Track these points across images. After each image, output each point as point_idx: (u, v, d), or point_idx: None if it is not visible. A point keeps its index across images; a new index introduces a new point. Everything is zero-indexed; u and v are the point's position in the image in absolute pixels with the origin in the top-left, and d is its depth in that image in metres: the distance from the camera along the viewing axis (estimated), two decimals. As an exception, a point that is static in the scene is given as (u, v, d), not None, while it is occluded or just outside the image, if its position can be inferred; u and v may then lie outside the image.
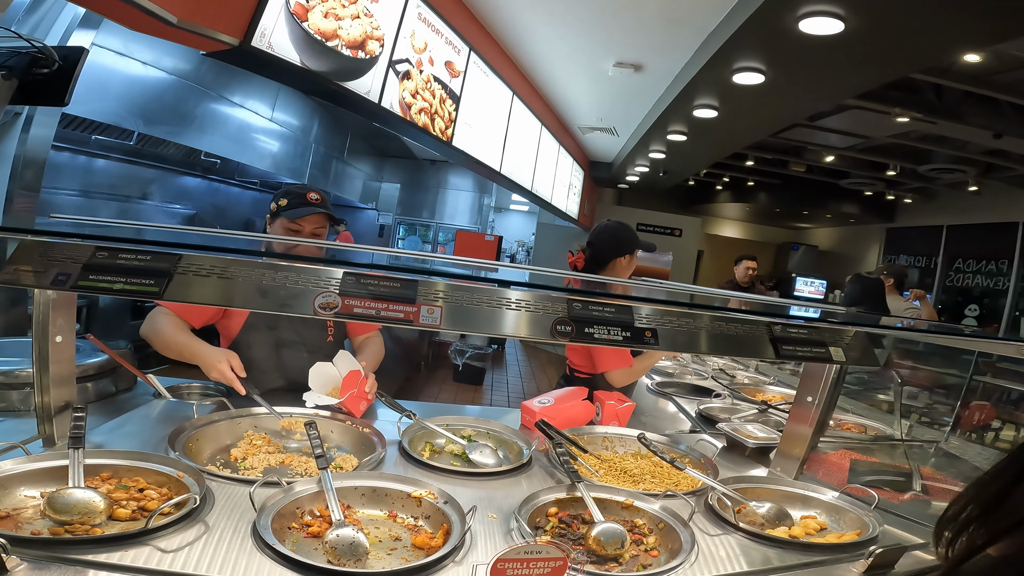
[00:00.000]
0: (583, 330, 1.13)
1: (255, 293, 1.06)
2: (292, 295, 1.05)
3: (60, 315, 1.24)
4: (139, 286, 0.99)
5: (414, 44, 3.64)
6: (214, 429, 1.54)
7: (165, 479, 1.21)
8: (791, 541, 1.32)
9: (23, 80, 1.42)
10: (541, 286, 1.22)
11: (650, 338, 1.18)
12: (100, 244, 1.02)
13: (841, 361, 1.39)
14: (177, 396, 1.85)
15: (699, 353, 3.35)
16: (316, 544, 1.12)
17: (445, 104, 4.18)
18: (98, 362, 1.71)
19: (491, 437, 1.82)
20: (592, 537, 1.22)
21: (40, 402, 1.28)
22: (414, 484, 1.31)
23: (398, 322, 1.05)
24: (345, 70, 3.04)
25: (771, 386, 3.01)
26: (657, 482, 1.63)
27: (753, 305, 1.73)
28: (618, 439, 1.93)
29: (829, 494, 1.54)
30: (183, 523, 1.06)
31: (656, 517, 1.35)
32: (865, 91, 5.02)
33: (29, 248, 1.06)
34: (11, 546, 0.87)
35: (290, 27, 2.59)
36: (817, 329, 1.40)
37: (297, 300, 1.05)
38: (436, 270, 1.30)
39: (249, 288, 1.06)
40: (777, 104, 5.27)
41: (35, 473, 1.15)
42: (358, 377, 1.84)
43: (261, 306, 1.07)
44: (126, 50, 4.37)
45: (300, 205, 2.04)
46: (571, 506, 1.39)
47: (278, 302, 1.06)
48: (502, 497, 1.41)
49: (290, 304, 1.05)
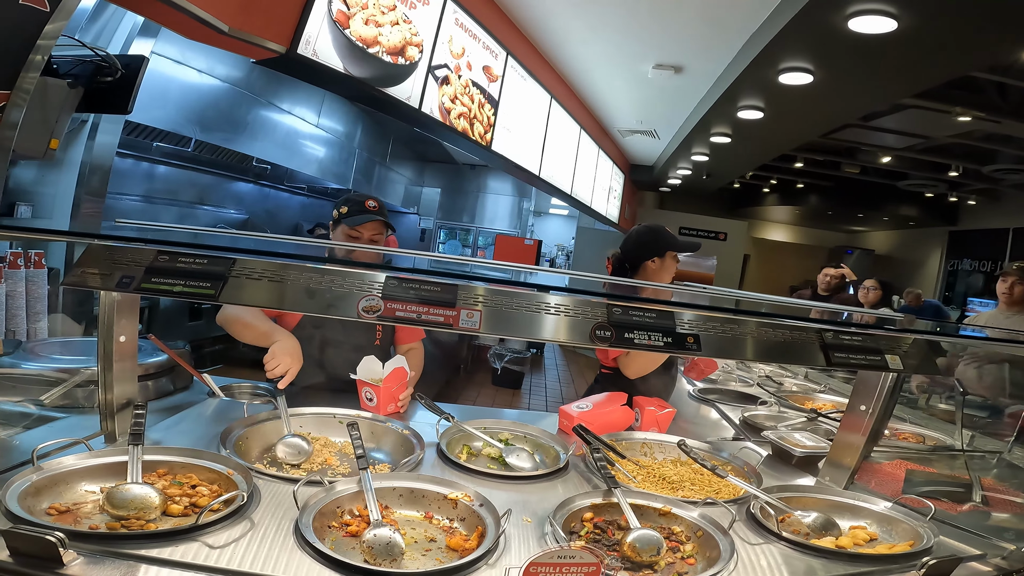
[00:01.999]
0: (623, 335, 1.12)
1: (303, 295, 1.10)
2: (337, 298, 1.09)
3: (124, 316, 1.31)
4: (196, 288, 1.04)
5: (452, 49, 3.69)
6: (262, 428, 1.60)
7: (216, 476, 1.26)
8: (838, 551, 1.28)
9: (88, 88, 1.51)
10: (580, 291, 1.22)
11: (692, 344, 1.15)
12: (161, 248, 1.08)
13: (898, 369, 1.33)
14: (229, 395, 1.92)
15: (744, 360, 3.26)
16: (354, 543, 1.14)
17: (484, 109, 4.22)
18: (158, 361, 1.80)
19: (528, 441, 1.82)
20: (627, 543, 1.20)
21: (104, 399, 1.35)
22: (450, 486, 1.33)
23: (438, 326, 1.06)
24: (386, 76, 3.11)
25: (821, 394, 2.90)
26: (697, 489, 1.60)
27: (799, 311, 1.68)
28: (657, 445, 1.90)
29: (881, 504, 1.48)
30: (231, 520, 1.10)
31: (694, 524, 1.32)
32: (922, 90, 4.80)
33: (96, 252, 1.13)
34: (70, 541, 0.91)
35: (333, 34, 2.66)
36: (872, 336, 1.34)
37: (342, 303, 1.08)
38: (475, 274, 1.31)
39: (297, 291, 1.10)
40: (827, 104, 5.10)
41: (96, 469, 1.21)
42: (402, 375, 1.90)
43: (308, 308, 1.11)
44: (183, 58, 4.57)
45: (359, 212, 2.14)
46: (607, 511, 1.37)
47: (324, 304, 1.10)
48: (537, 501, 1.40)
49: (335, 307, 1.09)
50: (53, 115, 1.47)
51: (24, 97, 1.42)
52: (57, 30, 1.40)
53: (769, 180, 11.64)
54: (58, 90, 1.47)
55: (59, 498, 1.13)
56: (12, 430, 1.42)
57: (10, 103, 1.42)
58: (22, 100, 1.42)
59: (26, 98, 1.43)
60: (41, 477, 1.12)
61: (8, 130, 1.38)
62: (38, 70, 1.39)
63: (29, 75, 1.39)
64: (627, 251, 2.46)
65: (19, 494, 1.04)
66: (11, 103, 1.43)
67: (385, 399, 1.87)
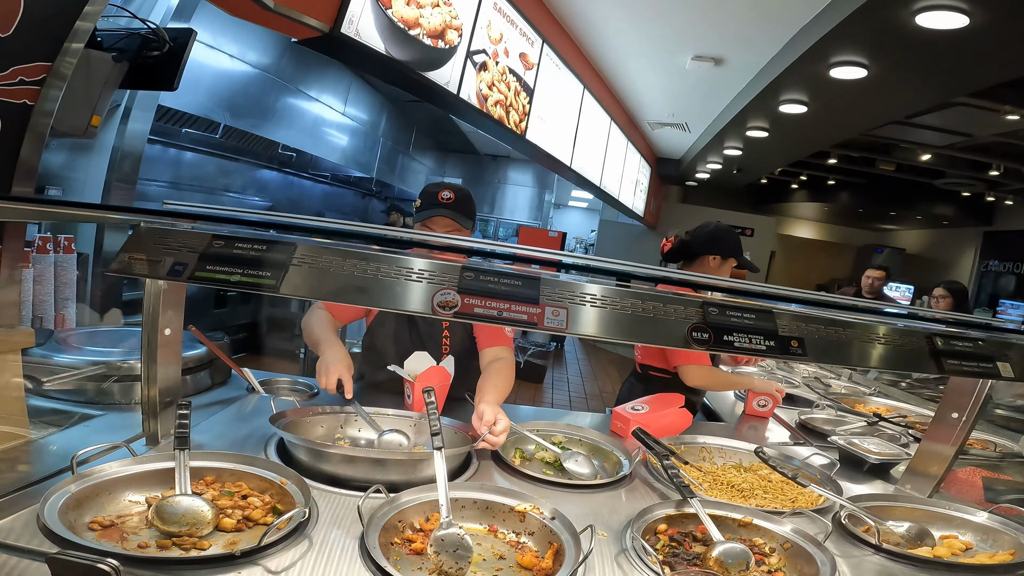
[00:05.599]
0: (722, 338, 1.00)
1: (367, 286, 0.99)
2: (408, 290, 0.98)
3: (170, 307, 1.22)
4: (256, 278, 0.94)
5: (490, 35, 3.58)
6: (310, 427, 1.51)
7: (268, 485, 1.16)
8: (939, 562, 1.21)
9: (133, 63, 1.41)
10: (676, 282, 1.10)
11: (796, 348, 1.04)
12: (217, 232, 0.98)
13: (1009, 377, 1.21)
14: (269, 390, 1.84)
15: (850, 367, 3.09)
16: (420, 563, 1.04)
17: (520, 97, 4.10)
18: (196, 355, 1.70)
19: (584, 444, 1.72)
20: (712, 558, 1.11)
21: (147, 396, 1.26)
22: (517, 497, 1.23)
23: (521, 324, 0.95)
24: (426, 60, 3.00)
25: (872, 397, 2.78)
26: (771, 498, 1.52)
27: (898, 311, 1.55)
28: (718, 450, 1.81)
29: (976, 513, 1.40)
30: (290, 539, 1.00)
31: (781, 536, 1.23)
32: (976, 90, 4.58)
33: (145, 235, 1.03)
34: (122, 566, 0.82)
35: (376, 14, 2.57)
36: (984, 341, 1.21)
37: (414, 296, 0.97)
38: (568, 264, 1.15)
39: (359, 281, 0.99)
40: (877, 100, 4.88)
41: (141, 476, 1.11)
42: (442, 376, 1.77)
43: (370, 302, 1.00)
44: (215, 43, 4.52)
45: (430, 206, 1.86)
46: (681, 523, 1.28)
47: (391, 297, 0.99)
48: (608, 513, 1.31)
49: (405, 300, 0.98)
50: (96, 90, 1.38)
51: (66, 71, 1.33)
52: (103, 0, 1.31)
53: (799, 176, 11.36)
54: (102, 64, 1.37)
55: (102, 510, 1.04)
56: (48, 431, 1.33)
57: (51, 76, 1.33)
58: (64, 74, 1.33)
59: (68, 72, 1.34)
60: (82, 487, 1.02)
61: (49, 103, 1.29)
62: (82, 41, 1.30)
63: (73, 46, 1.30)
64: (697, 240, 2.43)
65: (59, 508, 0.95)
66: (52, 76, 1.34)
67: (420, 397, 1.74)
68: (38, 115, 1.33)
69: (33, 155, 1.34)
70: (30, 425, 1.33)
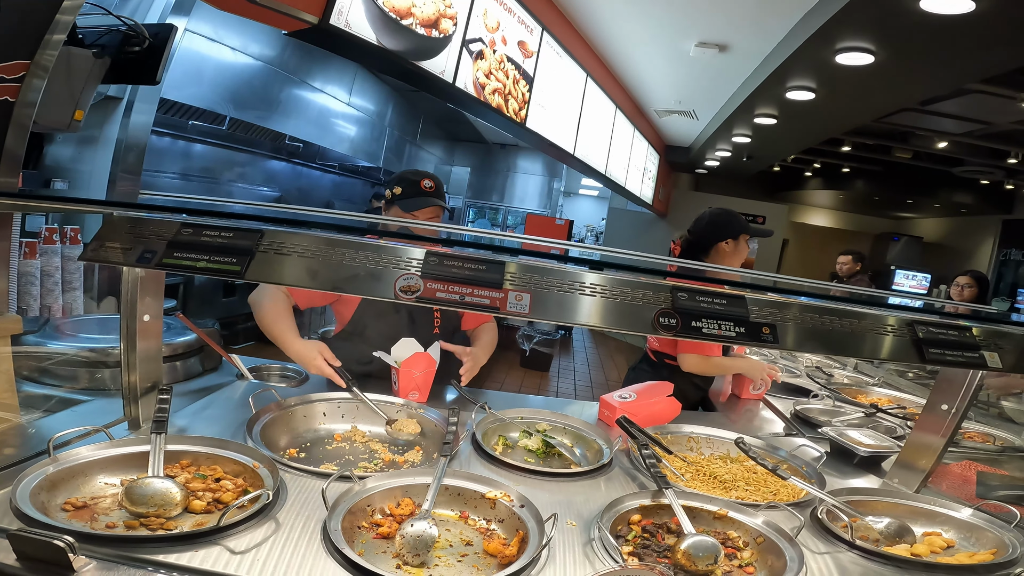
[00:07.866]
0: (690, 323, 0.99)
1: (335, 273, 0.99)
2: (372, 276, 0.98)
3: (148, 293, 1.24)
4: (222, 264, 0.95)
5: (487, 23, 3.54)
6: (292, 415, 1.53)
7: (241, 468, 1.18)
8: (915, 561, 1.17)
9: (115, 59, 1.42)
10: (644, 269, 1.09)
11: (768, 335, 1.02)
12: (185, 220, 0.99)
13: (997, 367, 1.18)
14: (258, 377, 1.86)
15: (826, 354, 3.05)
16: (385, 546, 1.05)
17: (519, 85, 4.07)
18: (186, 341, 1.73)
19: (568, 433, 1.72)
20: (681, 551, 1.11)
21: (127, 382, 1.28)
22: (489, 484, 1.23)
23: (484, 309, 0.95)
24: (420, 49, 2.98)
25: (876, 387, 2.72)
26: (752, 490, 1.51)
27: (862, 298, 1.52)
28: (705, 440, 1.80)
29: (960, 510, 1.37)
30: (254, 520, 1.02)
31: (754, 530, 1.22)
32: (991, 76, 4.44)
33: (116, 225, 1.05)
34: (81, 544, 0.84)
35: (366, 4, 2.55)
36: (970, 330, 1.18)
37: (378, 282, 0.97)
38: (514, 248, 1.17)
39: (328, 267, 1.00)
40: (887, 87, 4.76)
41: (116, 459, 1.13)
42: (428, 363, 1.78)
43: (341, 287, 1.01)
44: (216, 36, 4.54)
45: (415, 195, 1.94)
46: (656, 514, 1.28)
47: (359, 283, 0.99)
48: (582, 502, 1.31)
49: (370, 286, 0.98)
50: (78, 86, 1.39)
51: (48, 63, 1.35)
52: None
53: (812, 164, 11.15)
54: (83, 60, 1.39)
55: (76, 492, 1.06)
56: (33, 414, 1.36)
57: (33, 66, 1.34)
58: (46, 65, 1.35)
59: (49, 64, 1.35)
60: (57, 469, 1.05)
61: (32, 93, 1.30)
62: (64, 33, 1.31)
63: (54, 37, 1.31)
64: (700, 233, 2.44)
65: (32, 489, 0.97)
66: (33, 67, 1.35)
67: (405, 383, 1.76)
68: (21, 106, 1.34)
69: (18, 146, 1.36)
70: (21, 411, 1.36)
